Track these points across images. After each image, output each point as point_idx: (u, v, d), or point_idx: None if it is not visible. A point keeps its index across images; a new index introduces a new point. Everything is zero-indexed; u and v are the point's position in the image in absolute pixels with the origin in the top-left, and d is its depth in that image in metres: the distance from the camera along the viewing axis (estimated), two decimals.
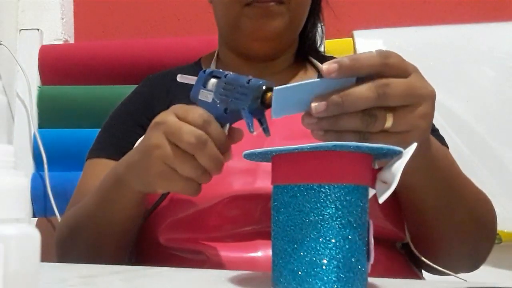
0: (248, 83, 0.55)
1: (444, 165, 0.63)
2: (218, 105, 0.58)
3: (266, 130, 0.56)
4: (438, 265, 0.71)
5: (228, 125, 0.58)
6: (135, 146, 0.65)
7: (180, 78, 0.65)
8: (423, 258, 0.69)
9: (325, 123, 0.48)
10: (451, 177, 0.65)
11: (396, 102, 0.48)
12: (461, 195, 0.66)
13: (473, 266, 0.74)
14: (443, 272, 0.70)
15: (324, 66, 0.47)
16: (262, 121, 0.56)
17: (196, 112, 0.56)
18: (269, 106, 0.53)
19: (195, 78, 0.63)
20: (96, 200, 0.68)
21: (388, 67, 0.48)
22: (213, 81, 0.60)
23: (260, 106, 0.54)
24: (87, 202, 0.71)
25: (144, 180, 0.60)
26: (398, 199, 0.69)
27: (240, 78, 0.56)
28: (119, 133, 0.83)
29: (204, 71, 0.62)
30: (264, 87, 0.54)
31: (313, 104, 0.47)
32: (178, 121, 0.56)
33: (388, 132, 0.49)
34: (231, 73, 0.59)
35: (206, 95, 0.60)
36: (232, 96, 0.56)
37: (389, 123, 0.48)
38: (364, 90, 0.47)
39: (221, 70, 0.61)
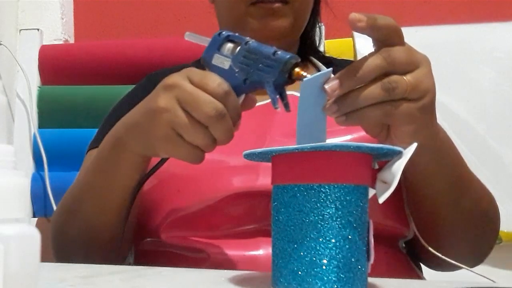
0: (274, 55, 0.51)
1: (449, 148, 0.64)
2: (236, 74, 0.54)
3: (287, 106, 0.54)
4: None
5: (243, 95, 0.55)
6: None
7: (188, 36, 0.60)
8: (430, 248, 0.68)
9: (346, 106, 0.49)
10: (458, 164, 0.65)
11: (403, 66, 0.50)
12: (468, 184, 0.67)
13: (476, 259, 0.74)
14: (447, 264, 0.68)
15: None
16: (283, 96, 0.53)
17: (215, 81, 0.53)
18: (294, 81, 0.51)
19: (207, 38, 0.58)
20: (95, 167, 0.66)
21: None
22: (230, 46, 0.56)
23: (286, 81, 0.51)
24: (85, 174, 0.69)
25: (146, 142, 0.58)
26: (402, 190, 0.69)
27: (265, 48, 0.53)
28: None
29: (219, 33, 0.57)
30: (293, 62, 0.51)
31: (327, 86, 0.48)
32: (195, 89, 0.53)
33: (408, 101, 0.50)
34: (252, 40, 0.55)
35: (222, 61, 0.55)
36: (255, 66, 0.52)
37: (408, 87, 0.49)
38: (370, 58, 0.49)
39: (237, 34, 0.56)
